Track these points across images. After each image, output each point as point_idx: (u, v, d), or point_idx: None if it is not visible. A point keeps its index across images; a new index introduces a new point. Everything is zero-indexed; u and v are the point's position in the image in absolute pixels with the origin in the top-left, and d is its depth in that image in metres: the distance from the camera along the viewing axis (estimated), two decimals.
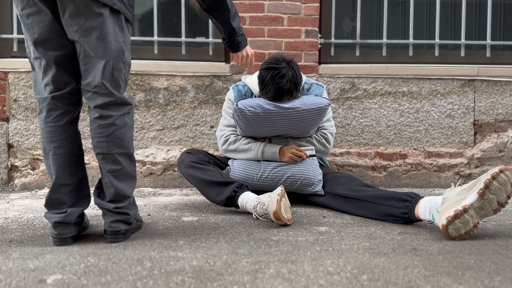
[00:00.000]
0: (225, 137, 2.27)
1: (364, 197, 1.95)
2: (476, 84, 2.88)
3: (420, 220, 1.78)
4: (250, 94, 2.27)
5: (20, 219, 1.98)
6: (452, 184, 1.74)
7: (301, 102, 2.10)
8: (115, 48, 1.53)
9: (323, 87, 2.33)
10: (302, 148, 2.20)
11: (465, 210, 1.54)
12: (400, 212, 1.82)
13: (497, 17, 3.09)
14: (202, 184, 2.11)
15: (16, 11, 1.57)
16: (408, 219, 1.82)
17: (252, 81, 2.28)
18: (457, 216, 1.54)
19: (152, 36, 2.87)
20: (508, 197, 1.56)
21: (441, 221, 1.59)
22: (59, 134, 1.57)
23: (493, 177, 1.54)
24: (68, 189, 1.59)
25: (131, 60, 1.65)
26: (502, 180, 1.55)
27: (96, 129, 1.55)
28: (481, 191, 1.54)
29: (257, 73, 2.30)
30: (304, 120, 2.13)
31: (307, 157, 2.18)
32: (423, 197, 1.79)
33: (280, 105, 2.08)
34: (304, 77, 2.28)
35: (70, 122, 1.60)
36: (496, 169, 1.56)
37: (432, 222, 1.70)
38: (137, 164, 2.79)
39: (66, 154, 1.58)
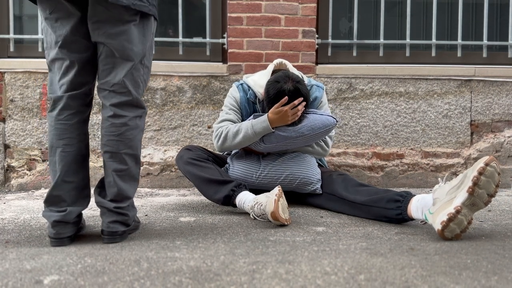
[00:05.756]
0: (216, 133, 2.22)
1: (358, 201, 1.97)
2: (473, 84, 2.89)
3: (413, 219, 1.79)
4: (253, 96, 2.25)
5: (17, 220, 1.97)
6: (440, 179, 1.74)
7: (309, 128, 2.10)
8: (140, 51, 1.59)
9: (323, 89, 2.32)
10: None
11: (457, 212, 1.55)
12: (393, 213, 1.84)
13: (493, 17, 3.10)
14: (200, 181, 2.11)
15: (41, 14, 1.61)
16: (402, 219, 1.83)
17: (255, 82, 2.25)
18: (451, 219, 1.55)
19: None
20: (497, 186, 1.57)
21: (436, 225, 1.59)
22: (69, 132, 1.59)
23: (480, 173, 1.54)
24: (70, 187, 1.59)
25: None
26: (489, 173, 1.55)
27: (109, 127, 1.58)
28: (470, 189, 1.54)
29: (257, 74, 2.30)
30: (310, 140, 2.16)
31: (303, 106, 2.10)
32: (414, 195, 1.80)
33: (288, 134, 2.08)
34: (305, 78, 2.28)
35: (81, 121, 1.62)
36: (481, 164, 1.55)
37: (425, 222, 1.70)
38: None
39: (74, 152, 1.59)
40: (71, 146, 1.59)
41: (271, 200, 1.79)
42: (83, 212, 1.67)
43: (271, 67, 2.28)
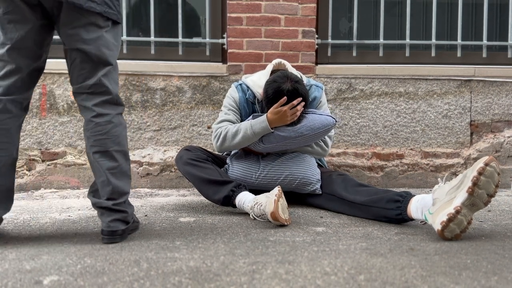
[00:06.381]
0: (215, 133, 2.22)
1: (358, 201, 1.97)
2: (473, 85, 2.89)
3: (413, 219, 1.79)
4: (252, 97, 2.25)
5: (16, 220, 1.97)
6: (439, 179, 1.74)
7: (309, 128, 2.10)
8: (114, 55, 1.64)
9: (322, 88, 2.32)
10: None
11: (457, 212, 1.55)
12: (393, 213, 1.83)
13: (493, 17, 3.10)
14: (200, 182, 2.11)
15: None
16: (402, 219, 1.83)
17: (254, 82, 2.25)
18: (450, 219, 1.55)
19: (149, 36, 2.87)
20: (497, 186, 1.57)
21: (435, 225, 1.59)
22: (5, 137, 1.59)
23: (480, 173, 1.54)
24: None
25: (128, 61, 1.71)
26: (488, 173, 1.55)
27: (94, 127, 1.59)
28: (470, 189, 1.54)
29: (256, 74, 2.30)
30: (309, 140, 2.16)
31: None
32: (414, 195, 1.80)
33: (287, 135, 2.08)
34: (304, 78, 2.28)
35: (17, 126, 1.63)
36: (481, 164, 1.55)
37: (425, 222, 1.70)
38: (134, 165, 2.79)
39: (6, 157, 1.59)
40: (4, 150, 1.59)
41: (270, 200, 1.79)
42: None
43: (270, 67, 2.28)
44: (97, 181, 1.61)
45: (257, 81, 2.23)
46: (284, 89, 2.05)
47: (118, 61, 1.70)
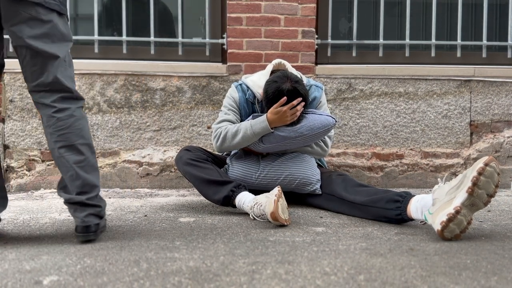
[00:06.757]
0: (215, 133, 2.23)
1: (357, 202, 1.97)
2: (472, 85, 2.89)
3: (413, 219, 1.79)
4: (252, 97, 2.25)
5: (16, 220, 1.97)
6: (439, 179, 1.74)
7: (308, 128, 2.09)
8: (62, 49, 1.60)
9: (322, 89, 2.32)
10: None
11: (457, 212, 1.55)
12: (393, 213, 1.84)
13: (493, 17, 3.10)
14: (200, 182, 2.11)
15: None
16: (402, 219, 1.83)
17: (254, 82, 2.25)
18: (450, 219, 1.55)
19: (149, 36, 2.87)
20: (497, 186, 1.57)
21: (435, 225, 1.59)
22: None
23: (480, 173, 1.54)
24: None
25: (128, 61, 1.68)
26: (488, 173, 1.54)
27: (56, 122, 1.58)
28: (470, 189, 1.54)
29: (256, 74, 2.30)
30: (309, 140, 2.16)
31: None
32: (414, 195, 1.80)
33: (287, 135, 2.08)
34: (304, 78, 2.28)
35: None
36: (481, 164, 1.55)
37: (425, 223, 1.70)
38: (133, 165, 2.79)
39: None
40: None
41: (270, 201, 1.79)
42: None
43: (270, 67, 2.28)
44: (65, 176, 1.59)
45: (257, 81, 2.23)
46: (284, 89, 2.05)
47: (118, 61, 1.69)
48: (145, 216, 2.06)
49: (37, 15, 1.53)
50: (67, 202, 1.60)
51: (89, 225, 1.56)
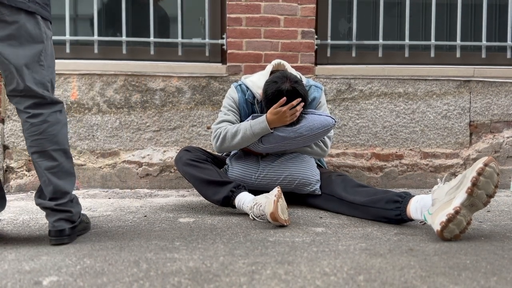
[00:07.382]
0: (215, 133, 2.23)
1: (357, 202, 1.97)
2: (472, 85, 2.89)
3: (412, 219, 1.79)
4: (252, 97, 2.25)
5: (16, 221, 1.97)
6: (439, 180, 1.74)
7: (308, 128, 2.09)
8: (30, 52, 1.51)
9: (321, 89, 2.32)
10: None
11: (457, 212, 1.55)
12: (392, 214, 1.84)
13: (492, 18, 3.11)
14: (199, 182, 2.11)
15: None
16: (401, 220, 1.84)
17: (253, 83, 2.25)
18: (450, 220, 1.55)
19: (149, 37, 2.87)
20: (496, 187, 1.57)
21: (435, 225, 1.59)
22: None
23: (479, 173, 1.55)
24: None
25: (128, 61, 1.65)
26: (488, 173, 1.55)
27: (29, 128, 1.56)
28: (469, 190, 1.54)
29: (256, 74, 2.30)
30: (309, 141, 2.15)
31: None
32: (413, 196, 1.80)
33: (287, 135, 2.08)
34: (304, 78, 2.28)
35: None
36: (480, 164, 1.55)
37: (425, 223, 1.71)
38: (133, 165, 2.79)
39: None
40: None
41: (270, 201, 1.79)
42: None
43: (269, 67, 2.28)
44: (40, 181, 1.60)
45: (257, 81, 2.23)
46: (283, 89, 2.05)
47: (117, 62, 1.67)
48: (145, 216, 2.06)
49: (0, 16, 1.45)
50: (39, 206, 1.61)
51: (62, 229, 1.56)
